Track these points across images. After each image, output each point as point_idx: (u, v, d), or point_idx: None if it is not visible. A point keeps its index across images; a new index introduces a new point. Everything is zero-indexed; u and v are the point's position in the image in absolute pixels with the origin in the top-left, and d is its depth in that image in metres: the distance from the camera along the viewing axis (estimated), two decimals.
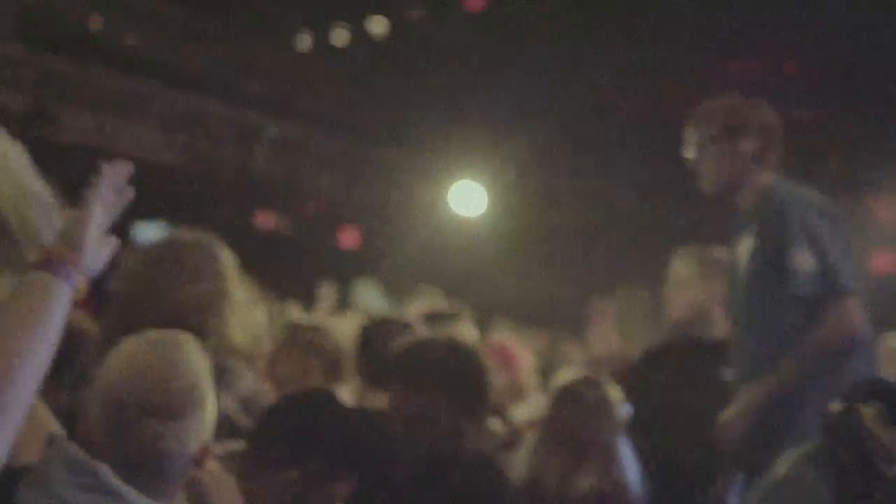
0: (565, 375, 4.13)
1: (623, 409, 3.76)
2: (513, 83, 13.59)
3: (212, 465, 2.11)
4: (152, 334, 1.94)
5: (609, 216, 14.41)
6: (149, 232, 15.50)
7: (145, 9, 12.13)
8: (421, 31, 14.45)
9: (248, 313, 2.77)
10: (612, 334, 4.68)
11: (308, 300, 8.98)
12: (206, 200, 12.51)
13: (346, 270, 11.01)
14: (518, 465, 3.79)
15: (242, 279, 2.79)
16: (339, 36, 14.28)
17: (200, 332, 2.51)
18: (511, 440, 4.27)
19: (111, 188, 1.90)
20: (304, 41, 14.16)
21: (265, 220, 13.59)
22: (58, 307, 1.63)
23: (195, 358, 1.91)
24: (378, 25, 14.80)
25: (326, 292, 9.01)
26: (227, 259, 2.75)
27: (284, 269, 10.81)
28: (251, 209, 13.27)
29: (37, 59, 10.07)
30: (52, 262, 1.68)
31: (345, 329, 4.46)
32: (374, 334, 3.89)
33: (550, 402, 3.87)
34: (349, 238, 13.74)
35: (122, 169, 1.95)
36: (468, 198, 12.88)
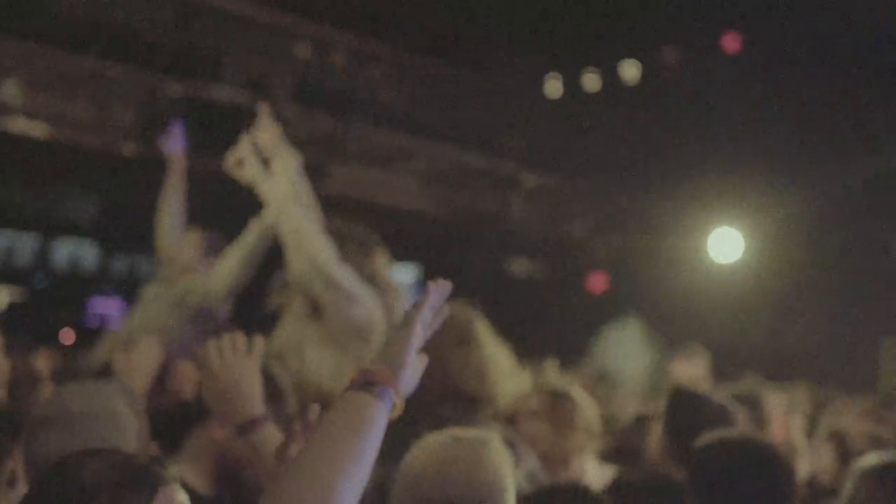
0: (870, 458, 3.67)
1: None
2: (772, 127, 13.35)
3: None
4: (457, 432, 2.04)
5: (877, 265, 13.81)
6: (403, 274, 16.20)
7: (406, 65, 12.72)
8: (675, 75, 14.39)
9: (511, 378, 2.83)
10: None
11: (558, 346, 9.06)
12: (461, 247, 12.93)
13: (593, 315, 11.04)
14: None
15: (503, 343, 2.86)
16: (590, 82, 14.43)
17: (475, 399, 2.65)
18: None
19: (433, 309, 1.89)
20: (556, 88, 14.42)
21: (519, 266, 13.81)
22: (377, 430, 1.64)
23: (499, 454, 1.99)
24: (630, 70, 14.87)
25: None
26: (488, 327, 2.83)
27: (535, 313, 10.97)
28: (505, 256, 13.54)
29: (308, 118, 10.76)
30: (374, 384, 1.67)
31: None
32: (682, 410, 3.68)
33: (856, 484, 3.44)
34: (597, 283, 13.77)
35: (444, 290, 1.94)
36: (725, 245, 12.66)
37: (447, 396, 2.67)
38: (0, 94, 9.31)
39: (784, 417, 5.35)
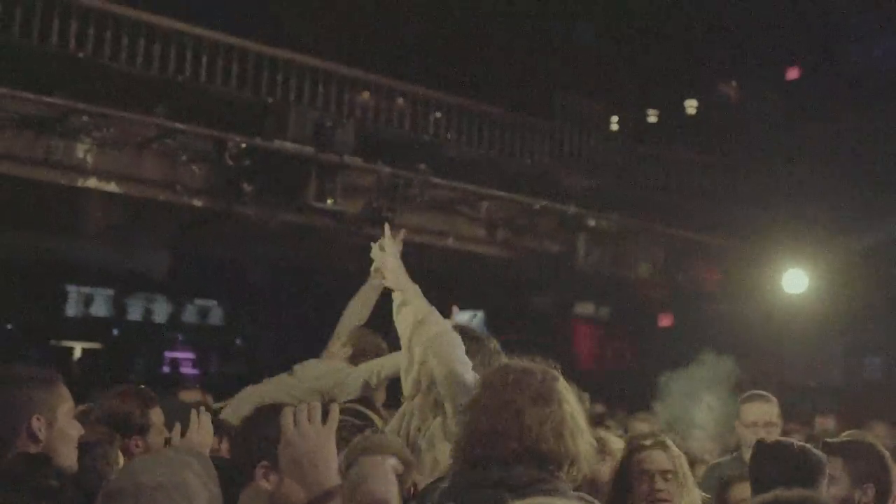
0: None
1: None
2: (833, 163, 13.33)
3: None
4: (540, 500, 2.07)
5: None
6: (464, 318, 16.21)
7: (465, 114, 12.83)
8: (735, 110, 14.35)
9: (589, 437, 2.83)
10: None
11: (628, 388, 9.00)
12: (528, 290, 12.91)
13: (662, 356, 10.92)
14: None
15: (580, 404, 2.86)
16: (652, 121, 14.44)
17: (555, 458, 2.66)
18: None
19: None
20: (616, 126, 14.46)
21: (585, 308, 13.76)
22: None
23: None
24: (691, 108, 14.88)
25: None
26: (566, 385, 2.84)
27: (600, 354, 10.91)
28: (572, 298, 13.51)
29: (371, 167, 10.89)
30: None
31: None
32: (766, 462, 3.57)
33: None
34: (666, 320, 13.70)
35: None
36: (797, 282, 12.58)
37: (523, 455, 2.67)
38: (75, 153, 9.59)
39: None
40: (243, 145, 10.00)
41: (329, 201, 10.21)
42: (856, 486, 3.51)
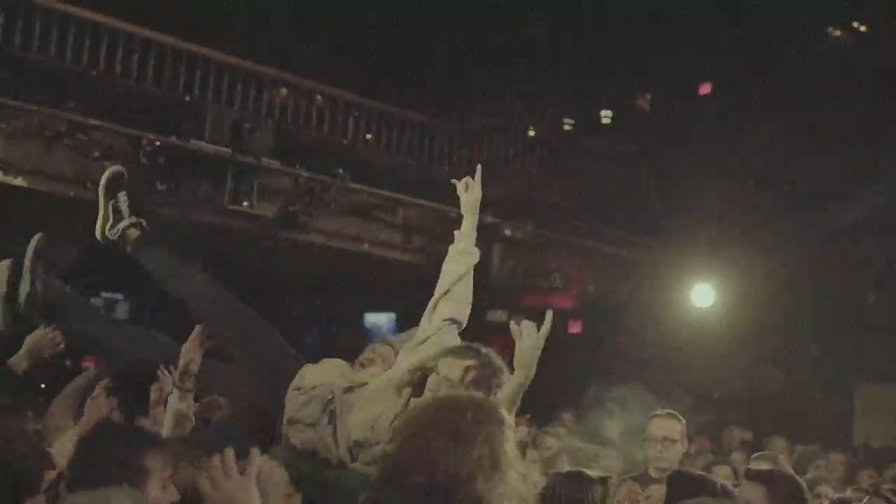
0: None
1: None
2: (746, 181, 13.69)
3: None
4: None
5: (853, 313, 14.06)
6: (378, 321, 16.16)
7: (384, 120, 12.81)
8: (650, 120, 14.59)
9: (519, 476, 2.75)
10: None
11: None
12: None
13: (573, 367, 11.04)
14: None
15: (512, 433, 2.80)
16: (568, 129, 14.58)
17: (465, 499, 2.62)
18: None
19: None
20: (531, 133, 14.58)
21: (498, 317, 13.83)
22: None
23: None
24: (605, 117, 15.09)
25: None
26: (501, 418, 2.75)
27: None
28: (485, 306, 13.57)
29: (289, 171, 10.80)
30: None
31: None
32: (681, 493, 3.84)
33: None
34: (575, 327, 13.84)
35: None
36: (704, 296, 12.88)
37: (431, 491, 2.60)
38: None
39: None
40: (158, 143, 9.83)
41: (245, 204, 10.10)
42: None
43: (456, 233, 4.14)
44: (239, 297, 4.40)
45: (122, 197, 4.28)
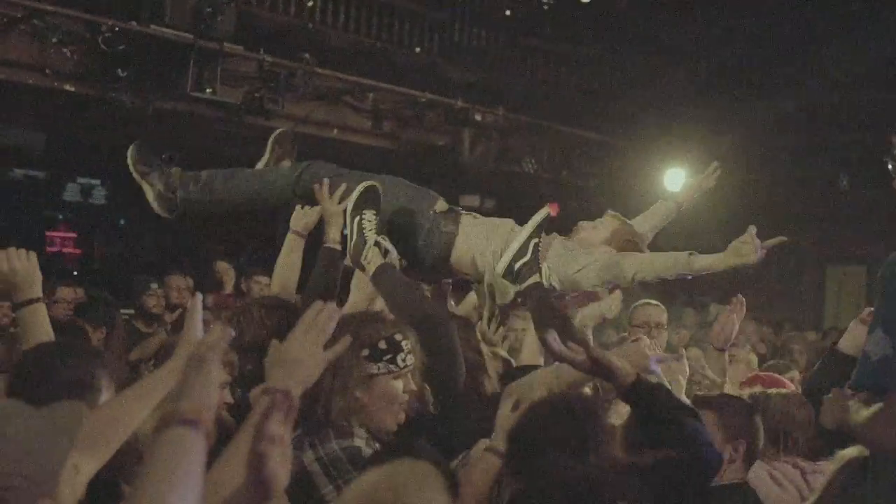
0: None
1: None
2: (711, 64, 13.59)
3: None
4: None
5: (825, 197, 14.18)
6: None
7: (352, 1, 12.50)
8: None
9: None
10: None
11: None
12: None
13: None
14: None
15: None
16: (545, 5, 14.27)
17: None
18: None
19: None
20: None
21: (470, 201, 13.76)
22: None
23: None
24: None
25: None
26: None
27: None
28: (458, 191, 13.51)
29: (253, 56, 10.55)
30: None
31: None
32: None
33: None
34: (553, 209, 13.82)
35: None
36: (675, 180, 12.83)
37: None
38: None
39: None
40: (117, 29, 9.54)
41: (208, 90, 9.86)
42: (728, 441, 3.53)
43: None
44: None
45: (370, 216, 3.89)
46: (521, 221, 4.06)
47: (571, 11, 14.21)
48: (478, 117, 12.58)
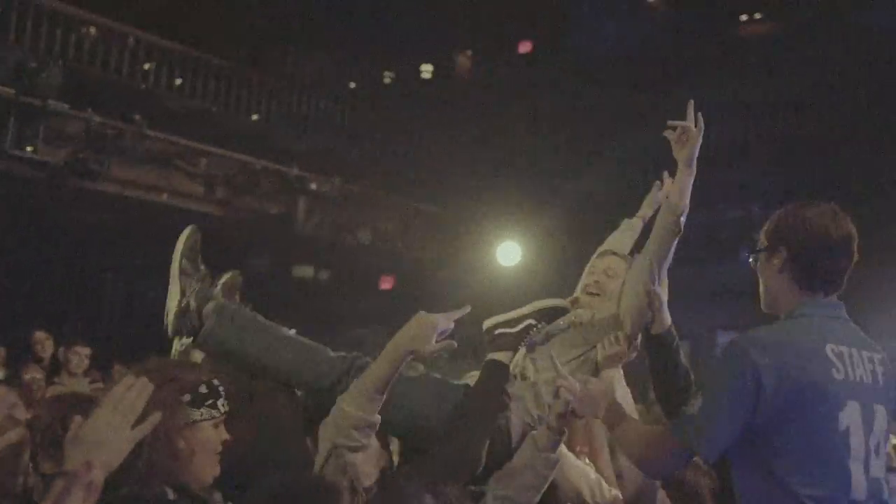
0: None
1: None
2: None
3: None
4: None
5: None
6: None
7: (189, 65, 12.26)
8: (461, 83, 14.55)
9: None
10: None
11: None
12: (245, 250, 12.56)
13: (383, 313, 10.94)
14: None
15: None
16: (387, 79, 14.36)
17: None
18: None
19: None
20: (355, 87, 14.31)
21: (305, 271, 13.57)
22: None
23: None
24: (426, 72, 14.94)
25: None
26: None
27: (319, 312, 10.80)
28: (291, 261, 13.30)
29: (79, 114, 10.15)
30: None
31: None
32: None
33: None
34: (386, 283, 13.74)
35: None
36: (509, 252, 12.92)
37: None
38: None
39: None
40: None
41: (28, 148, 9.38)
42: None
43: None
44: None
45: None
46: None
47: (414, 87, 14.37)
48: (313, 186, 12.46)
